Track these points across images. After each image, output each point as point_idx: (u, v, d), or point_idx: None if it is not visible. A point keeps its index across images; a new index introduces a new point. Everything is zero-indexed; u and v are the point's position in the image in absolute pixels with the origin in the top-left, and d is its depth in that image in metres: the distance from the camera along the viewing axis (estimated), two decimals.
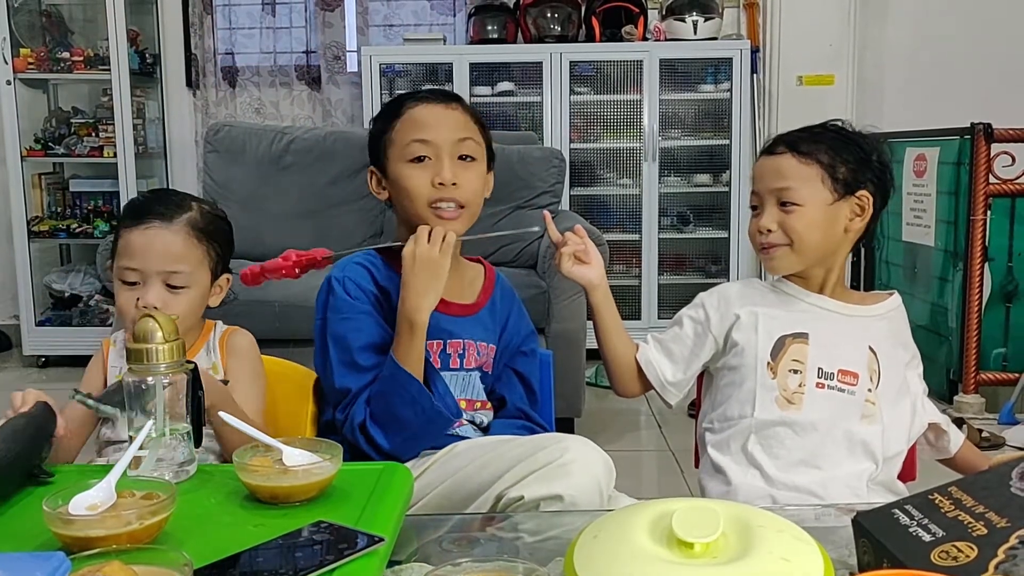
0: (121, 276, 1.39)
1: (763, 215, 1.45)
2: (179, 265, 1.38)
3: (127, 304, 1.38)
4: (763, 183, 1.47)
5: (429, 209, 1.41)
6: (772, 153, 1.48)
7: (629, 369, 1.54)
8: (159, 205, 1.40)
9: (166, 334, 1.09)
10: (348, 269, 1.44)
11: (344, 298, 1.41)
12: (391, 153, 1.44)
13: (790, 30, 4.44)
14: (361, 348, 1.39)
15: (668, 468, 2.93)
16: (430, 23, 4.69)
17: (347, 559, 0.84)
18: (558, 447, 1.22)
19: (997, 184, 3.31)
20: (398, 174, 1.43)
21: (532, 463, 1.21)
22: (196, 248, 1.40)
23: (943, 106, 4.01)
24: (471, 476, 1.26)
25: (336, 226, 3.72)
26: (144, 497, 0.93)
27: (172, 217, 1.39)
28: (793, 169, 1.44)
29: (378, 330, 1.40)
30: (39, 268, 4.39)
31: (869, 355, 1.44)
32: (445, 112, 1.45)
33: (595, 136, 4.43)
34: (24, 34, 4.38)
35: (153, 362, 1.08)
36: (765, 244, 1.46)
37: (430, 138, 1.42)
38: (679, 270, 4.52)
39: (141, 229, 1.37)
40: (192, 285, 1.39)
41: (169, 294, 1.37)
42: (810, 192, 1.43)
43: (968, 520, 0.83)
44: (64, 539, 0.86)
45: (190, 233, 1.39)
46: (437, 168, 1.41)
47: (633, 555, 0.81)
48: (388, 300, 1.43)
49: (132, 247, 1.38)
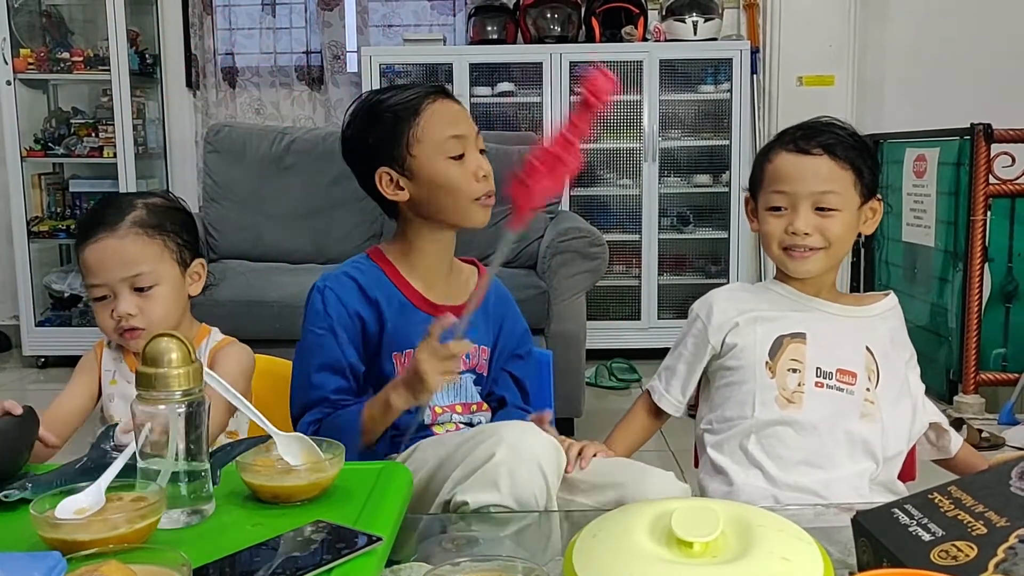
0: (91, 294, 1.40)
1: (798, 217, 1.42)
2: (138, 267, 1.37)
3: (105, 321, 1.38)
4: (799, 184, 1.43)
5: (475, 203, 1.40)
6: (805, 153, 1.44)
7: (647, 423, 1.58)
8: (103, 215, 1.39)
9: (181, 357, 0.95)
10: (333, 280, 1.42)
11: (319, 310, 1.39)
12: (420, 151, 1.39)
13: (790, 31, 4.44)
14: (318, 367, 1.37)
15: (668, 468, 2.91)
16: (430, 23, 4.69)
17: (345, 559, 0.84)
18: (491, 442, 1.17)
19: (997, 184, 3.31)
20: (437, 171, 1.39)
21: (472, 462, 1.16)
22: (150, 245, 1.39)
23: (943, 106, 4.01)
24: (425, 479, 1.24)
25: (336, 227, 3.72)
26: (133, 501, 0.92)
27: (116, 223, 1.38)
28: (833, 173, 1.43)
29: (337, 353, 1.38)
30: (39, 268, 4.39)
31: (867, 355, 1.44)
32: (458, 107, 1.45)
33: (595, 137, 4.43)
34: (24, 34, 4.39)
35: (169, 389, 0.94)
36: (799, 246, 1.43)
37: (464, 132, 1.41)
38: (679, 271, 4.52)
39: (92, 244, 1.38)
40: (160, 282, 1.39)
41: (141, 298, 1.37)
42: (847, 197, 1.43)
43: (968, 519, 0.82)
44: (52, 543, 0.85)
45: (139, 232, 1.38)
46: (475, 161, 1.41)
47: (632, 554, 0.80)
48: (372, 310, 1.40)
49: (89, 264, 1.38)
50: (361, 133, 1.44)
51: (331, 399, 1.37)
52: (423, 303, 1.43)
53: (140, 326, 1.37)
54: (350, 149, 1.46)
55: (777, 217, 1.45)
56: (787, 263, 1.46)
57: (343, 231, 3.71)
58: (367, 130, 1.43)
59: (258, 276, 3.32)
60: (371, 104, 1.44)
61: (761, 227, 1.48)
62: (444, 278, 1.47)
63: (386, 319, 1.40)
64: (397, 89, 1.45)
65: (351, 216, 3.67)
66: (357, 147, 1.45)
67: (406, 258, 1.45)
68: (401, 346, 1.41)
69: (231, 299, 2.94)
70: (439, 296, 1.45)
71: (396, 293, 1.42)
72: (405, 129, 1.40)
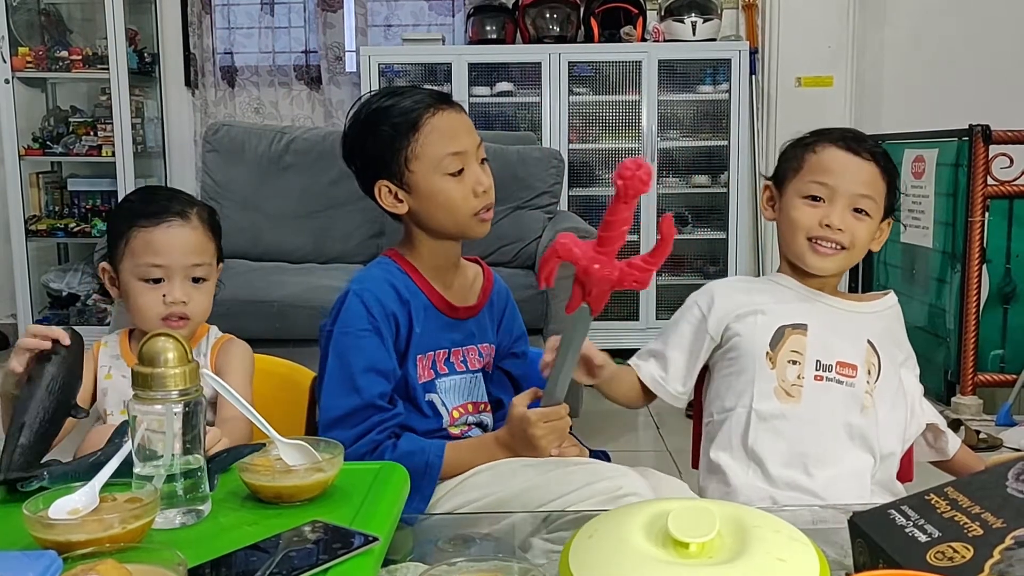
0: (144, 275, 1.40)
1: (834, 211, 1.43)
2: (200, 257, 1.43)
3: (153, 302, 1.40)
4: (845, 180, 1.43)
5: (473, 218, 1.40)
6: (856, 153, 1.45)
7: (635, 394, 1.52)
8: (169, 203, 1.43)
9: (179, 356, 0.94)
10: (371, 283, 1.40)
11: (359, 312, 1.37)
12: (418, 167, 1.38)
13: (789, 31, 4.44)
14: (364, 369, 1.36)
15: (666, 469, 2.88)
16: (429, 23, 4.69)
17: (342, 559, 0.84)
18: (616, 481, 1.22)
19: (995, 186, 3.31)
20: (436, 188, 1.38)
21: (588, 492, 1.20)
22: (211, 241, 1.46)
23: (941, 108, 4.02)
24: (517, 496, 1.25)
25: (336, 227, 3.72)
26: (127, 501, 0.92)
27: (188, 213, 1.43)
28: (875, 180, 1.45)
29: (382, 354, 1.37)
30: (37, 267, 4.39)
31: (868, 348, 1.44)
32: (460, 117, 1.42)
33: (594, 137, 4.43)
34: (23, 33, 4.39)
35: (166, 388, 0.93)
36: (828, 240, 1.44)
37: (463, 148, 1.39)
38: (677, 271, 4.52)
39: (163, 227, 1.40)
40: (210, 277, 1.45)
41: (193, 288, 1.42)
42: (878, 207, 1.46)
43: (964, 521, 0.82)
44: (45, 544, 0.85)
45: (206, 228, 1.45)
46: (474, 177, 1.39)
47: (629, 555, 0.80)
48: (404, 313, 1.40)
49: (155, 245, 1.39)
50: (361, 142, 1.43)
51: (377, 404, 1.35)
52: (444, 305, 1.44)
53: (187, 314, 1.41)
54: (350, 154, 1.46)
55: (812, 207, 1.45)
56: (809, 256, 1.45)
57: (343, 230, 3.71)
58: (366, 140, 1.42)
59: (258, 276, 3.32)
60: (371, 112, 1.42)
61: (789, 214, 1.46)
62: (453, 280, 1.48)
63: (415, 322, 1.40)
64: (398, 95, 1.42)
65: (351, 215, 3.67)
66: (357, 154, 1.45)
67: (418, 262, 1.45)
68: (424, 348, 1.42)
69: (231, 299, 2.91)
70: (452, 298, 1.46)
71: (421, 296, 1.43)
72: (404, 145, 1.38)
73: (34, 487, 0.99)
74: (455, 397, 1.44)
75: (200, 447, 0.97)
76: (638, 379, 1.51)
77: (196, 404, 0.95)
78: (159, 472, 0.94)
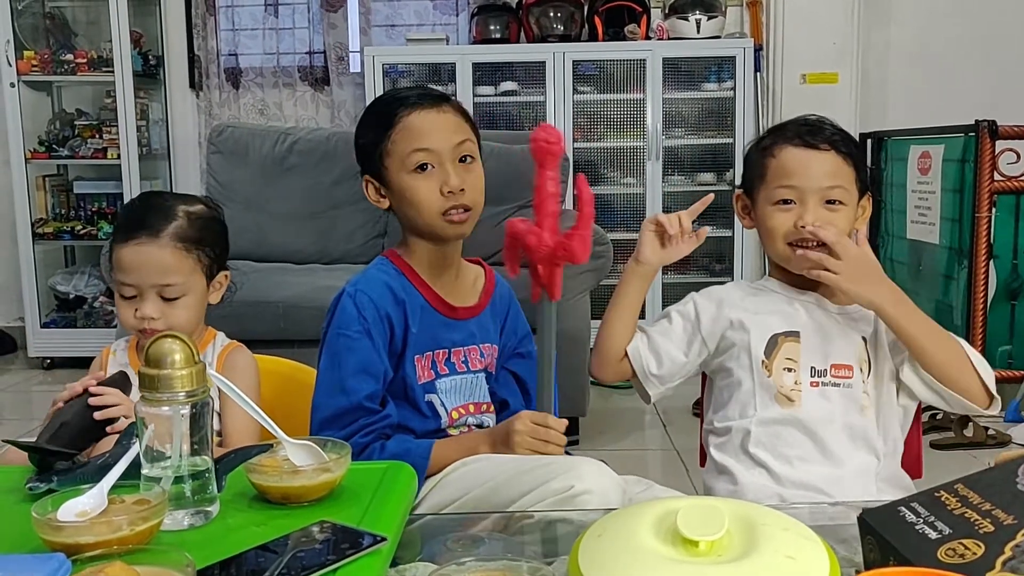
0: (118, 290, 1.43)
1: (807, 211, 1.41)
2: (170, 278, 1.40)
3: (127, 317, 1.43)
4: (808, 179, 1.42)
5: (440, 218, 1.40)
6: (813, 147, 1.43)
7: (617, 352, 1.50)
8: (147, 217, 1.42)
9: (186, 357, 0.94)
10: (365, 284, 1.41)
11: (352, 314, 1.38)
12: (390, 164, 1.41)
13: (793, 28, 4.43)
14: (354, 371, 1.37)
15: (673, 467, 2.92)
16: (433, 23, 4.70)
17: (350, 559, 0.84)
18: (570, 475, 1.20)
19: (1002, 181, 3.30)
20: (403, 186, 1.40)
21: (544, 492, 1.19)
22: (186, 258, 1.42)
23: (947, 103, 4.01)
24: (483, 499, 1.25)
25: (340, 227, 3.72)
26: (135, 503, 0.92)
27: (159, 230, 1.41)
28: (839, 168, 1.43)
29: (373, 356, 1.38)
30: (43, 270, 4.40)
31: (861, 345, 1.43)
32: (439, 116, 1.42)
33: (598, 135, 4.43)
34: (28, 36, 4.40)
35: (173, 390, 0.93)
36: (809, 240, 1.41)
37: (431, 146, 1.39)
38: (683, 269, 4.51)
39: (131, 245, 1.40)
40: (187, 293, 1.42)
41: (166, 305, 1.41)
42: (850, 192, 1.44)
43: (975, 517, 0.82)
44: (53, 546, 0.84)
45: (177, 245, 1.41)
46: (443, 176, 1.39)
47: (637, 553, 0.80)
48: (400, 314, 1.41)
49: (123, 263, 1.41)
50: (355, 138, 1.49)
51: (365, 406, 1.36)
52: (442, 305, 1.44)
53: (160, 329, 1.39)
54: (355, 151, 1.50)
55: (785, 212, 1.43)
56: (792, 259, 1.44)
57: (347, 231, 3.71)
58: (357, 138, 1.48)
59: (262, 276, 3.32)
60: (366, 109, 1.48)
61: (764, 223, 1.46)
62: (452, 280, 1.48)
63: (411, 322, 1.41)
64: (400, 95, 1.46)
65: (355, 216, 3.67)
66: (355, 151, 1.49)
67: (414, 262, 1.46)
68: (422, 348, 1.42)
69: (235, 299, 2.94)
70: (451, 298, 1.46)
71: (418, 296, 1.43)
72: (380, 141, 1.42)
73: (41, 490, 1.00)
74: (455, 398, 1.44)
75: (208, 448, 0.97)
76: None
77: (203, 405, 0.95)
78: (167, 474, 0.94)
